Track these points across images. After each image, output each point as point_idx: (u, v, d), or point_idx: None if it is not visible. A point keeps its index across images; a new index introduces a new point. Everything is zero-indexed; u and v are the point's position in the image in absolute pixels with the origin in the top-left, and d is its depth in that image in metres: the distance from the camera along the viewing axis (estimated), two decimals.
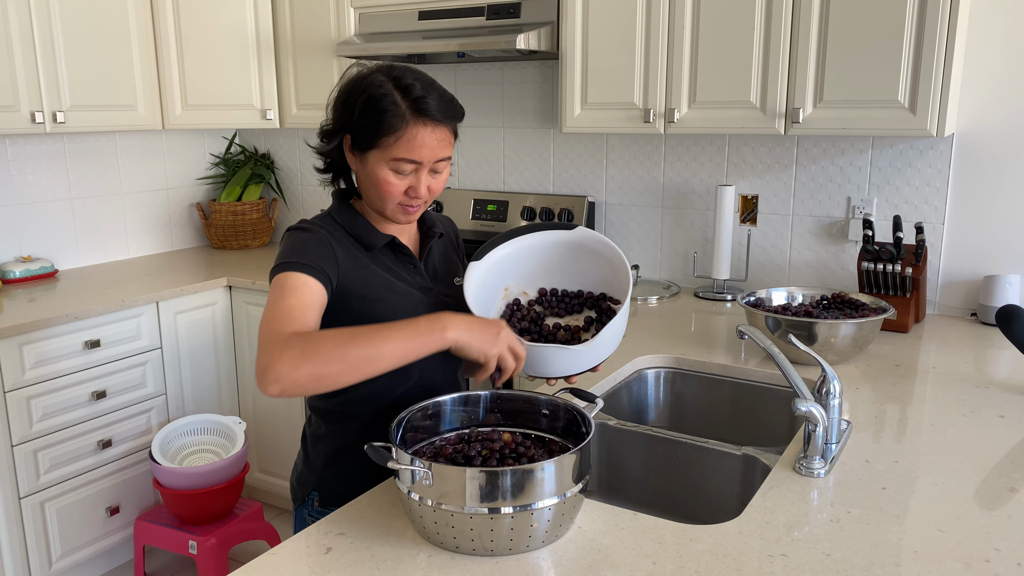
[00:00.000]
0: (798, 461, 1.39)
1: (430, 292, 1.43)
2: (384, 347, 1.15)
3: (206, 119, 3.11)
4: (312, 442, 1.49)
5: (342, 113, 1.32)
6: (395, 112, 1.27)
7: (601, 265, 1.47)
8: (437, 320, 1.19)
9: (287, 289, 1.23)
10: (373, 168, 1.31)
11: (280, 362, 1.11)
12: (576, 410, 1.26)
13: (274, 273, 1.27)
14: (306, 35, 3.04)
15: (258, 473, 3.15)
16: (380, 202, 1.35)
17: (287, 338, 1.14)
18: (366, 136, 1.29)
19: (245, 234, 3.54)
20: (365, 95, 1.28)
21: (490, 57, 2.95)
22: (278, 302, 1.21)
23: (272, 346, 1.13)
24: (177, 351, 2.88)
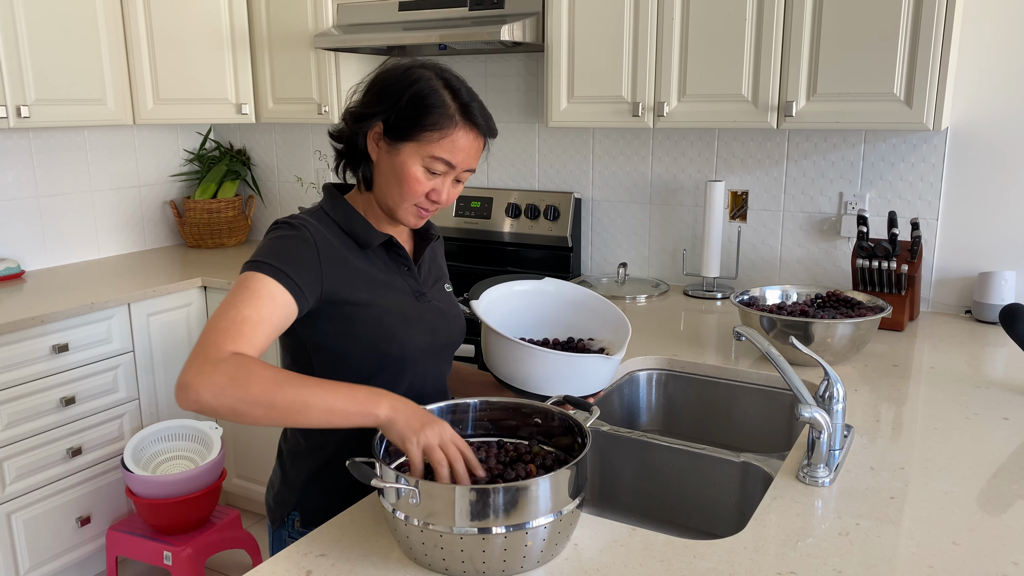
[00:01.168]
0: (801, 469, 1.33)
1: (423, 297, 1.37)
2: (313, 405, 1.06)
3: (179, 114, 3.00)
4: (290, 458, 1.39)
5: (381, 99, 1.25)
6: (444, 111, 1.23)
7: (604, 319, 1.51)
8: (377, 395, 1.08)
9: (250, 294, 1.14)
10: (405, 161, 1.25)
11: (204, 385, 1.04)
12: (571, 419, 1.20)
13: (245, 269, 1.18)
14: (282, 27, 2.94)
15: (236, 479, 3.06)
16: (397, 198, 1.28)
17: (222, 360, 1.05)
18: (408, 126, 1.23)
19: (220, 232, 3.43)
20: (415, 87, 1.23)
21: (473, 49, 2.87)
22: (234, 307, 1.12)
23: (203, 362, 1.05)
24: (150, 354, 2.78)
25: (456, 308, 1.46)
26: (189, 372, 1.05)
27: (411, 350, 1.32)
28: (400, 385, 1.33)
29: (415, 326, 1.33)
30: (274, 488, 1.42)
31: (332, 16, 2.83)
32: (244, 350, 1.09)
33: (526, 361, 1.35)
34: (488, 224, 2.91)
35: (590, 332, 1.53)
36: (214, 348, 1.07)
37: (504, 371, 1.40)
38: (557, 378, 1.35)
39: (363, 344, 1.28)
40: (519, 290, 1.53)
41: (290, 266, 1.18)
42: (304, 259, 1.20)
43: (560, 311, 1.54)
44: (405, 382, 1.34)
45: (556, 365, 1.34)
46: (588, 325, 1.53)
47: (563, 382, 1.35)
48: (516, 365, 1.37)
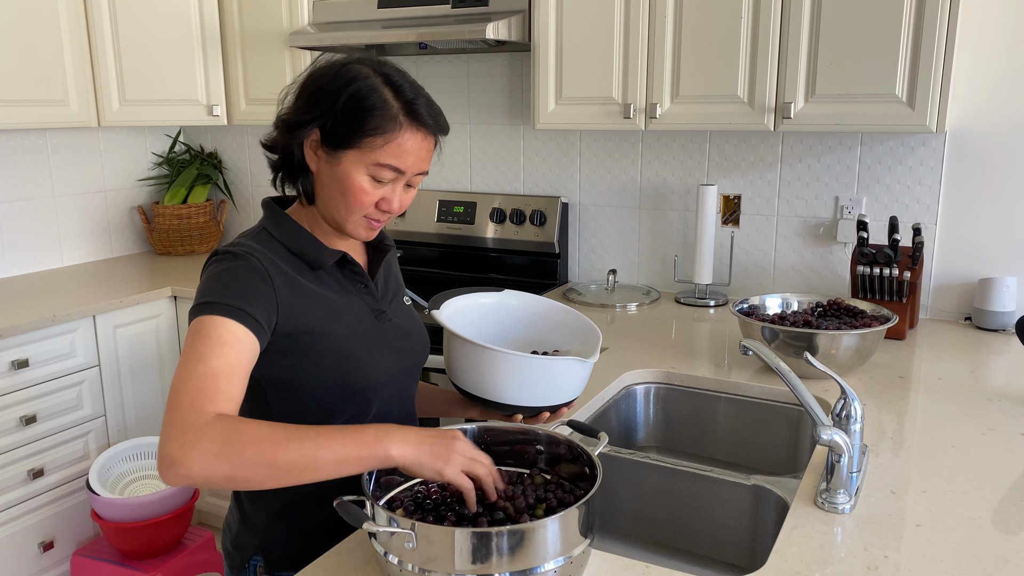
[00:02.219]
0: (819, 495, 1.25)
1: (383, 315, 1.25)
2: (320, 459, 0.95)
3: (147, 116, 2.87)
4: (249, 498, 1.24)
5: (315, 103, 1.12)
6: (386, 112, 1.10)
7: (571, 329, 1.41)
8: (384, 433, 0.98)
9: (213, 343, 1.00)
10: (347, 171, 1.12)
11: (193, 457, 0.91)
12: (579, 448, 1.10)
13: (196, 313, 1.04)
14: (255, 25, 2.82)
15: (209, 497, 2.93)
16: (343, 212, 1.15)
17: (207, 425, 0.93)
18: (346, 133, 1.10)
19: (191, 239, 3.30)
20: (352, 87, 1.10)
21: (455, 48, 2.77)
22: (200, 360, 0.99)
23: (186, 432, 0.93)
24: (117, 369, 2.64)
25: (418, 323, 1.34)
26: (170, 444, 0.92)
27: (378, 376, 1.20)
28: (367, 415, 1.22)
29: (379, 350, 1.21)
30: (232, 531, 1.27)
31: (308, 13, 2.71)
32: (224, 408, 0.97)
33: (494, 367, 1.22)
34: (471, 230, 2.81)
35: (556, 344, 1.41)
36: (193, 412, 0.94)
37: (471, 382, 1.26)
38: (527, 385, 1.23)
39: (325, 376, 1.16)
40: (482, 302, 1.42)
41: (244, 301, 1.05)
42: (256, 291, 1.08)
43: (525, 324, 1.44)
44: (372, 411, 1.22)
45: (527, 370, 1.22)
46: (553, 338, 1.42)
47: (534, 389, 1.23)
48: (483, 373, 1.23)
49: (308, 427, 0.98)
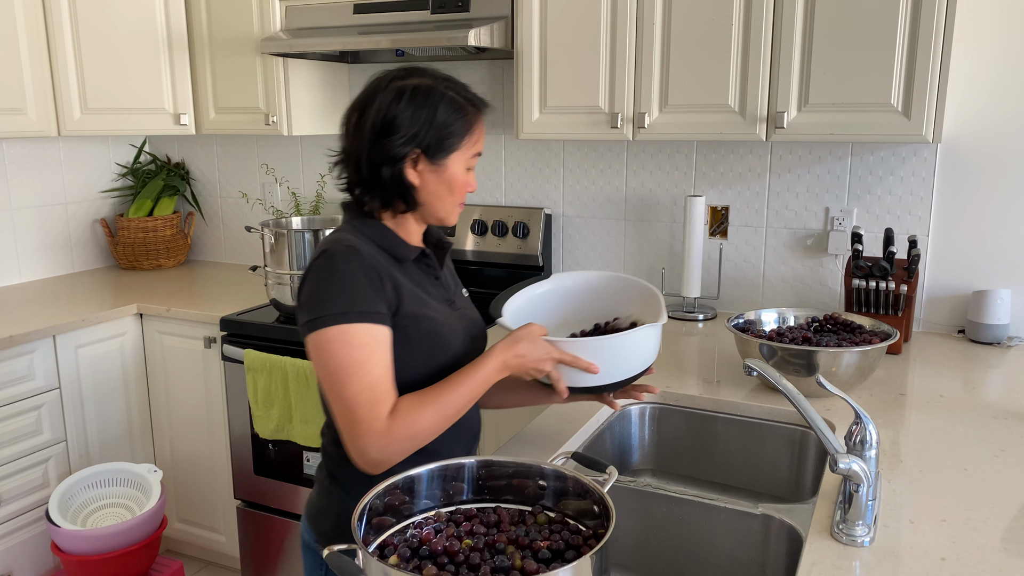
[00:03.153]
0: (836, 526, 1.18)
1: (453, 304, 1.36)
2: (463, 407, 1.20)
3: (110, 125, 2.74)
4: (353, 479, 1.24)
5: (411, 132, 1.21)
6: (465, 109, 1.25)
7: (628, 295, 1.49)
8: (486, 365, 1.22)
9: (366, 351, 1.14)
10: (453, 172, 1.26)
11: (392, 455, 1.14)
12: (588, 485, 1.02)
13: (329, 322, 1.14)
14: (225, 31, 2.71)
15: (178, 524, 2.79)
16: (448, 206, 1.29)
17: (390, 429, 1.13)
18: (449, 140, 1.24)
19: (158, 253, 3.16)
20: (442, 101, 1.23)
21: (433, 56, 2.69)
22: (363, 372, 1.13)
23: (380, 439, 1.13)
24: (79, 391, 2.50)
25: (478, 313, 1.46)
26: (371, 451, 1.13)
27: (460, 357, 1.31)
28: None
29: (458, 334, 1.32)
30: (331, 514, 1.29)
31: (280, 19, 2.61)
32: (392, 402, 1.16)
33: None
34: (452, 241, 2.72)
35: (617, 312, 1.48)
36: (377, 420, 1.13)
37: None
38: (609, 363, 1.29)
39: (419, 355, 1.25)
40: (538, 293, 1.51)
41: (369, 301, 1.17)
42: (374, 286, 1.19)
43: (583, 301, 1.51)
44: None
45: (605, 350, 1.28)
46: (615, 307, 1.49)
47: (615, 365, 1.30)
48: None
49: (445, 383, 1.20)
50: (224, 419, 2.57)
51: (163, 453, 2.74)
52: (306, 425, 2.28)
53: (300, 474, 2.44)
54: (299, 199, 3.10)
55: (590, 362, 1.25)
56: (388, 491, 1.04)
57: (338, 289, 1.15)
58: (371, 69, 2.87)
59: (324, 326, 1.13)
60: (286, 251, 2.40)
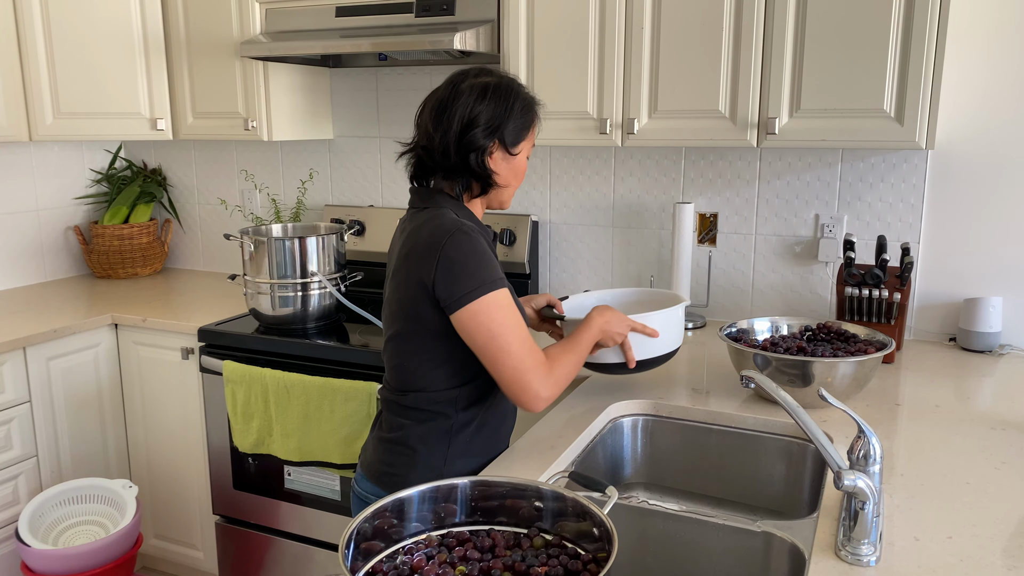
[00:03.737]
0: (841, 545, 1.14)
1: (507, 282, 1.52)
2: (582, 357, 1.49)
3: (84, 130, 2.66)
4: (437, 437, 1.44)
5: (495, 124, 1.39)
6: (533, 105, 1.45)
7: (647, 303, 1.90)
8: (592, 324, 1.54)
9: (515, 312, 1.36)
10: (522, 159, 1.46)
11: (552, 395, 1.38)
12: (587, 507, 0.97)
13: (489, 288, 1.33)
14: (203, 33, 2.64)
15: (154, 540, 2.71)
16: (513, 191, 1.49)
17: (550, 371, 1.38)
18: (524, 128, 1.43)
19: (134, 261, 3.08)
20: (518, 94, 1.42)
21: (416, 60, 2.64)
22: (520, 327, 1.36)
23: (545, 378, 1.37)
24: (51, 405, 2.42)
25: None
26: (543, 389, 1.37)
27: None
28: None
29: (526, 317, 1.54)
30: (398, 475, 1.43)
31: (260, 21, 2.55)
32: (541, 353, 1.39)
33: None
34: None
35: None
36: (543, 364, 1.37)
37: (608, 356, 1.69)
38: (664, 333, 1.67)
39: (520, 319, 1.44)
40: (590, 301, 1.88)
41: (499, 271, 1.37)
42: (495, 260, 1.39)
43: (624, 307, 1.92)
44: None
45: (658, 322, 1.66)
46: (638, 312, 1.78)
47: (666, 337, 1.69)
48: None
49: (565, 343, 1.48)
50: (202, 432, 2.50)
51: (139, 468, 2.66)
52: (286, 439, 2.22)
53: (280, 488, 2.37)
54: (279, 206, 3.03)
55: (654, 328, 1.62)
56: (377, 514, 0.99)
57: (484, 262, 1.33)
58: (354, 73, 2.81)
59: (483, 294, 1.31)
60: (266, 259, 2.33)
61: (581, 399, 1.76)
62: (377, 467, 1.46)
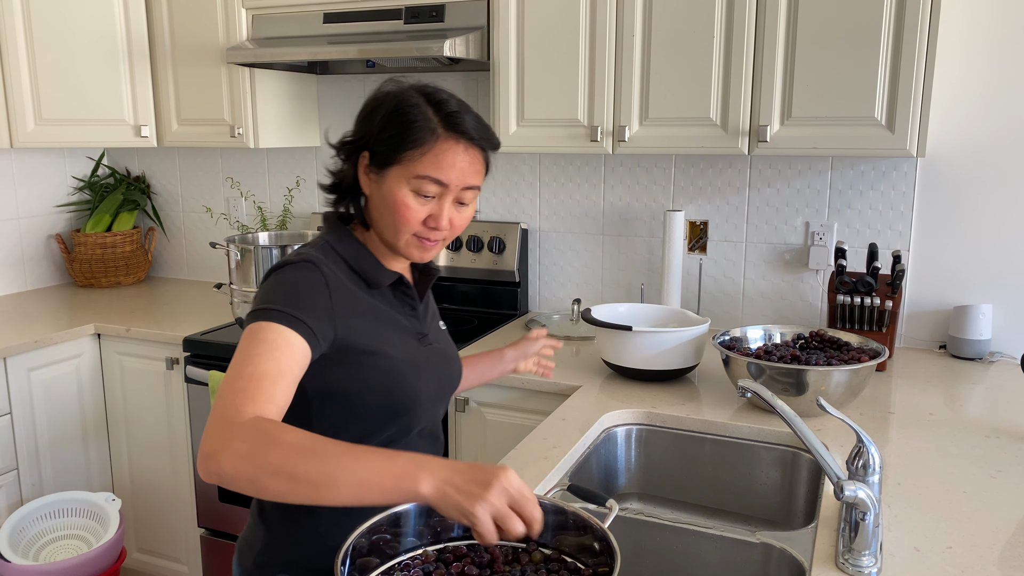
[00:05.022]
0: (841, 556, 1.13)
1: (425, 339, 1.25)
2: (340, 480, 0.87)
3: (66, 137, 2.62)
4: (280, 516, 1.19)
5: (362, 126, 1.16)
6: (424, 124, 1.10)
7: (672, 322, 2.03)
8: (417, 466, 0.88)
9: (265, 346, 1.00)
10: (392, 188, 1.12)
11: (225, 455, 0.90)
12: (589, 521, 0.95)
13: (253, 319, 1.04)
14: (189, 39, 2.61)
15: (137, 554, 2.66)
16: (393, 232, 1.14)
17: (242, 424, 0.92)
18: (388, 149, 1.11)
19: (116, 270, 3.04)
20: (392, 105, 1.13)
21: (405, 67, 2.63)
22: (249, 362, 0.98)
23: (223, 428, 0.92)
24: (32, 416, 2.37)
25: (453, 348, 1.36)
26: (212, 440, 0.91)
27: (422, 399, 1.20)
28: (405, 436, 1.21)
29: (424, 373, 1.21)
30: (254, 549, 1.20)
31: (247, 27, 2.52)
32: (265, 410, 0.95)
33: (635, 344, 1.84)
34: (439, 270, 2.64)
35: None
36: (233, 410, 0.94)
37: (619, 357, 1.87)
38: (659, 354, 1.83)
39: (375, 393, 1.15)
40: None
41: (302, 310, 1.05)
42: (316, 301, 1.07)
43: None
44: (414, 431, 1.22)
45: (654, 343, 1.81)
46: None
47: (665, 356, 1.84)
48: (627, 350, 1.86)
49: (344, 444, 0.91)
50: (187, 444, 2.46)
51: (122, 481, 2.61)
52: None
53: None
54: (265, 214, 3.00)
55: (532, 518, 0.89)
56: (373, 529, 0.97)
57: (278, 291, 1.06)
58: (341, 80, 2.79)
59: (249, 321, 1.04)
60: (252, 268, 2.30)
61: (574, 409, 1.74)
62: (238, 540, 1.26)
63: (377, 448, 0.90)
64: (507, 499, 0.86)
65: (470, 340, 2.27)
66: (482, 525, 0.85)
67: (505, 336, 2.33)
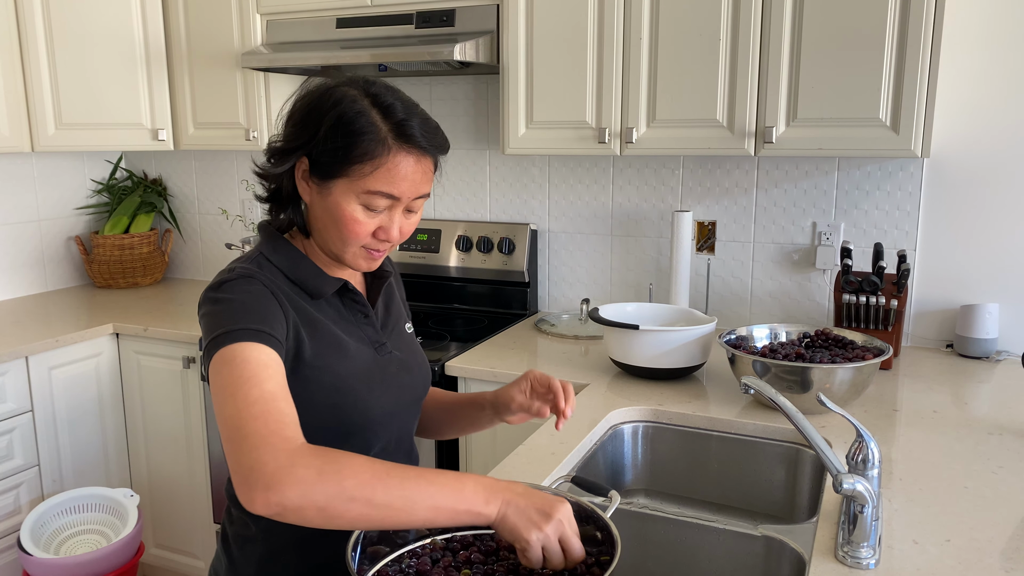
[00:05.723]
0: (840, 548, 1.16)
1: (383, 348, 1.19)
2: (418, 502, 0.87)
3: (85, 140, 2.68)
4: (237, 544, 1.17)
5: (300, 130, 1.05)
6: (373, 135, 1.01)
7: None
8: (487, 490, 0.91)
9: (255, 366, 0.93)
10: (338, 201, 1.04)
11: (289, 483, 0.83)
12: (590, 511, 0.98)
13: (221, 343, 0.96)
14: (205, 45, 2.66)
15: (155, 550, 2.71)
16: (339, 243, 1.07)
17: (299, 450, 0.86)
18: (333, 161, 1.02)
19: (134, 271, 3.09)
20: (336, 111, 1.02)
21: (416, 71, 2.66)
22: (253, 384, 0.91)
23: (278, 455, 0.85)
24: (53, 414, 2.43)
25: (419, 354, 1.27)
26: (267, 467, 0.83)
27: (376, 415, 1.14)
28: (371, 451, 1.15)
29: (379, 386, 1.15)
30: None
31: (261, 32, 2.57)
32: (299, 435, 0.90)
33: (642, 343, 1.88)
34: (436, 259, 2.69)
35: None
36: (277, 436, 0.86)
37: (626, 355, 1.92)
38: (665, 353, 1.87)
39: (324, 411, 1.09)
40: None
41: (264, 322, 0.99)
42: (271, 310, 1.02)
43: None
44: (373, 450, 1.15)
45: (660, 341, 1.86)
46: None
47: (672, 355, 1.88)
48: (635, 348, 1.90)
49: (411, 467, 0.90)
50: (203, 441, 2.51)
51: (140, 477, 2.67)
52: None
53: None
54: None
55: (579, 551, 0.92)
56: None
57: (233, 309, 0.99)
58: None
59: (216, 347, 0.95)
60: None
61: (581, 406, 1.77)
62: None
63: (443, 471, 0.91)
64: (560, 533, 0.89)
65: (479, 340, 2.30)
66: (532, 552, 0.88)
67: (514, 336, 2.36)
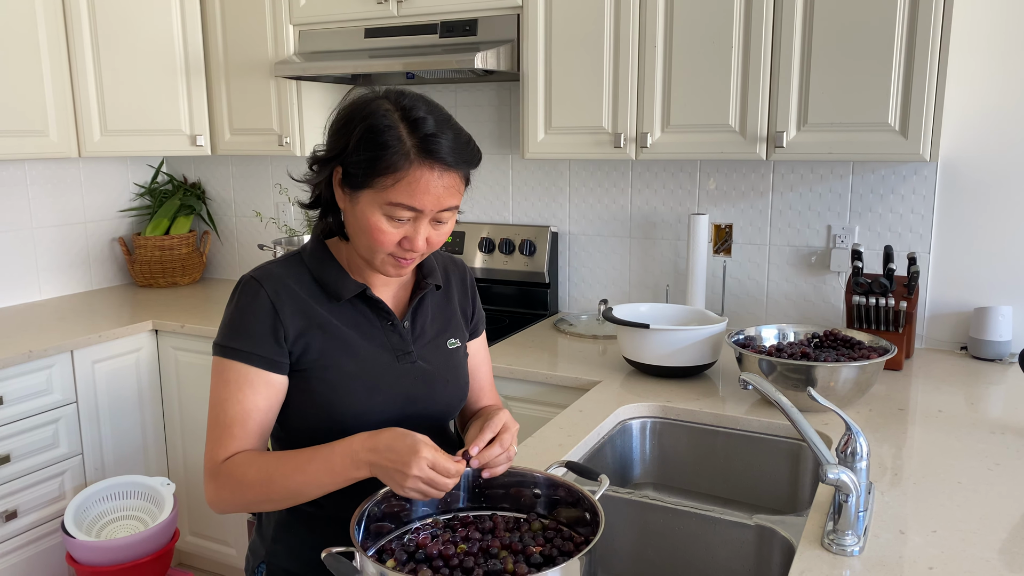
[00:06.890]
0: (826, 536, 1.20)
1: (406, 356, 1.20)
2: (304, 491, 1.08)
3: (128, 146, 2.82)
4: (276, 523, 1.27)
5: (336, 141, 1.12)
6: (397, 149, 1.05)
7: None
8: (351, 457, 1.05)
9: (231, 388, 1.13)
10: (364, 211, 1.09)
11: (216, 503, 1.12)
12: (580, 492, 1.05)
13: (215, 351, 1.16)
14: (240, 54, 2.79)
15: (190, 537, 2.83)
16: (368, 251, 1.13)
17: (219, 474, 1.11)
18: (359, 172, 1.08)
19: (174, 271, 3.23)
20: (365, 124, 1.07)
21: (442, 79, 2.75)
22: (219, 406, 1.13)
23: (209, 482, 1.12)
24: (95, 406, 2.56)
25: (455, 371, 1.26)
26: (206, 492, 1.13)
27: (372, 421, 1.13)
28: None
29: (383, 393, 1.17)
30: (251, 536, 1.36)
31: (294, 42, 2.69)
32: (238, 450, 1.12)
33: (653, 341, 1.94)
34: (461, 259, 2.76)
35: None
36: (211, 461, 1.12)
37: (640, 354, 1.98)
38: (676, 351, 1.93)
39: (317, 411, 1.15)
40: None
41: (250, 340, 1.13)
42: (262, 328, 1.13)
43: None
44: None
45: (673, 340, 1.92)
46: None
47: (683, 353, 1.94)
48: (648, 347, 1.96)
49: (294, 458, 1.08)
50: None
51: (176, 466, 2.79)
52: None
53: None
54: (310, 218, 3.16)
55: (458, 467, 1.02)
56: (386, 498, 1.08)
57: (230, 323, 1.15)
58: None
59: (214, 354, 1.15)
60: None
61: (591, 402, 1.84)
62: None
63: (315, 449, 1.07)
64: (423, 474, 0.99)
65: (500, 338, 2.38)
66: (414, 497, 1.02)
67: (534, 335, 2.43)
